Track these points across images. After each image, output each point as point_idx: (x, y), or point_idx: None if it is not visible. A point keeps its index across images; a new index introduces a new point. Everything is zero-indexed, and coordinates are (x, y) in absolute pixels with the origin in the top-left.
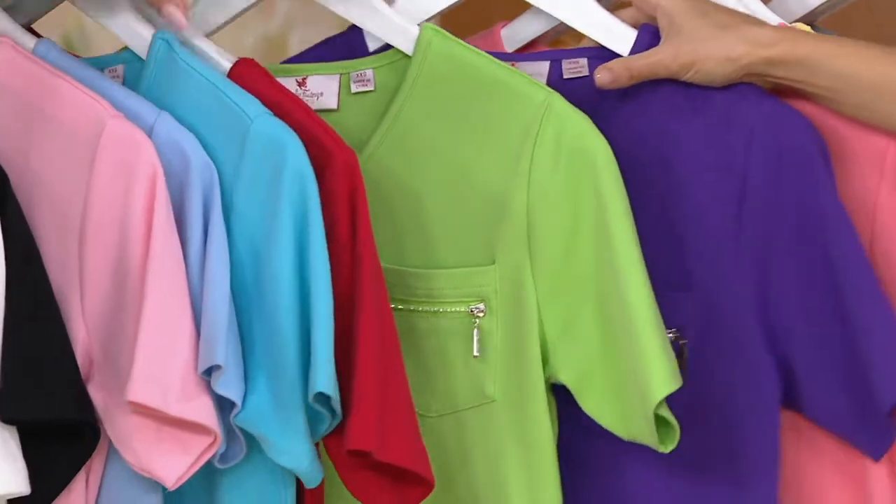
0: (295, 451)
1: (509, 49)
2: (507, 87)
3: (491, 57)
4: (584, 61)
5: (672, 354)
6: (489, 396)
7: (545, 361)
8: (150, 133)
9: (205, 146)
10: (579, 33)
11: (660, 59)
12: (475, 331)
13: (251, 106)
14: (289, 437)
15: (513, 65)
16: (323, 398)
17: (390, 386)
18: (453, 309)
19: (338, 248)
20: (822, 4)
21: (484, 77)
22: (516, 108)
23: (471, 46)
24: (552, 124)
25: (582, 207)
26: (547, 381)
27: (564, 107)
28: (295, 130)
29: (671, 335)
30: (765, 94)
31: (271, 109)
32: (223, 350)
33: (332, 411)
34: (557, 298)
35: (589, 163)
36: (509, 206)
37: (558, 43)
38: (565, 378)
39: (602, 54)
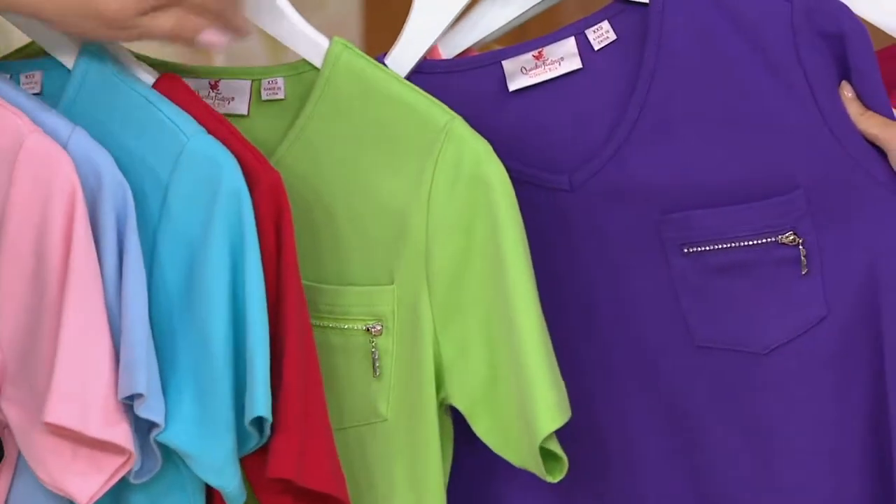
0: (224, 471)
1: (445, 56)
2: (411, 108)
3: (397, 75)
4: (606, 25)
5: (561, 386)
6: (381, 415)
7: (440, 384)
8: (63, 149)
9: (133, 162)
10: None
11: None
12: (373, 350)
13: (186, 124)
14: (218, 457)
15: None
16: (257, 421)
17: (311, 410)
18: (351, 326)
19: (263, 270)
20: None
21: (389, 96)
22: (419, 130)
23: (379, 64)
24: (452, 149)
25: (477, 233)
26: (441, 403)
27: (465, 131)
28: None
29: (790, 237)
30: None
31: None
32: (144, 377)
33: (261, 433)
34: (452, 323)
35: (485, 189)
36: (408, 227)
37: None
38: (458, 402)
39: (621, 7)
